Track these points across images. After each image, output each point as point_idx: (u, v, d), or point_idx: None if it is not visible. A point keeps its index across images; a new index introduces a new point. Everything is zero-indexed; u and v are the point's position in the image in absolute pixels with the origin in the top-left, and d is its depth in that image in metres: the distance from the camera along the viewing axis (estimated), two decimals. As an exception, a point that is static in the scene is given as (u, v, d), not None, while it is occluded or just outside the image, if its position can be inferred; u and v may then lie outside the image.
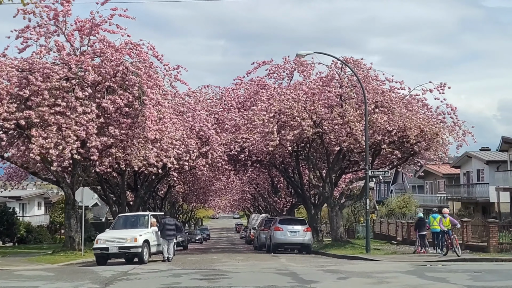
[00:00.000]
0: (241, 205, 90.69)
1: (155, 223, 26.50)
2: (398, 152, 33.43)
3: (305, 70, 36.40)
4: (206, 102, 41.99)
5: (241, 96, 42.35)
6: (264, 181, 59.25)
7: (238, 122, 39.30)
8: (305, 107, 33.02)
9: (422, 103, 34.62)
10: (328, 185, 36.60)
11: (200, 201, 67.10)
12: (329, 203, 36.32)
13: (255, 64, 39.91)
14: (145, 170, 37.08)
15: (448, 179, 58.88)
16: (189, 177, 51.56)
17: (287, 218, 37.32)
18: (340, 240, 35.79)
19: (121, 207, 42.49)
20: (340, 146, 33.06)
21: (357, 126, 32.03)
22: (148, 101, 28.79)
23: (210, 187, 57.26)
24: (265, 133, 33.70)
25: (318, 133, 33.90)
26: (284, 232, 33.78)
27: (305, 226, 34.37)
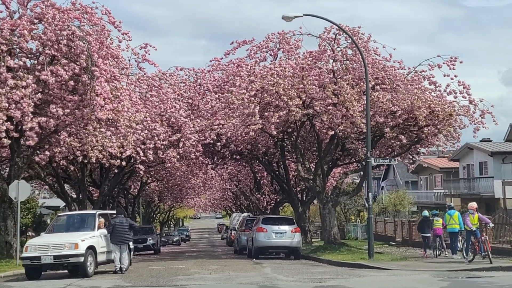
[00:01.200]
0: (223, 204, 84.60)
1: (102, 224, 20.46)
2: (404, 137, 27.65)
3: (291, 48, 30.58)
4: (179, 86, 35.88)
5: (219, 79, 36.30)
6: (246, 177, 53.37)
7: (214, 106, 33.35)
8: (293, 85, 27.16)
9: (429, 81, 28.80)
10: (319, 178, 30.77)
11: (175, 199, 60.95)
12: (320, 199, 30.49)
13: (234, 44, 33.88)
14: (106, 162, 31.27)
15: (445, 173, 53.25)
16: (162, 173, 45.53)
17: (271, 216, 31.41)
18: (334, 242, 29.97)
19: (81, 206, 36.40)
20: (334, 130, 27.20)
21: (354, 106, 26.27)
22: (99, 73, 22.79)
23: (186, 184, 51.22)
24: (245, 116, 27.81)
25: (308, 115, 28.05)
26: (269, 234, 27.92)
27: (293, 226, 28.52)
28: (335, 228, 30.78)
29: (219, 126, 32.03)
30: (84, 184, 36.37)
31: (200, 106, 34.69)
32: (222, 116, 32.58)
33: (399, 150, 31.04)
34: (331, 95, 26.47)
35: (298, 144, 31.80)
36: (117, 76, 24.64)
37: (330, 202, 30.30)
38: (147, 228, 42.77)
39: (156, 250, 40.47)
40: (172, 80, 35.38)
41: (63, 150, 28.40)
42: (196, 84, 36.28)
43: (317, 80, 27.70)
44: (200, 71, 36.64)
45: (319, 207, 31.18)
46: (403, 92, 26.87)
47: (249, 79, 28.09)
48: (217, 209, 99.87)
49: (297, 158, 31.31)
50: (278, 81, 26.77)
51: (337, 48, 28.57)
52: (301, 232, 29.55)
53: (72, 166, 33.75)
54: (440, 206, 51.03)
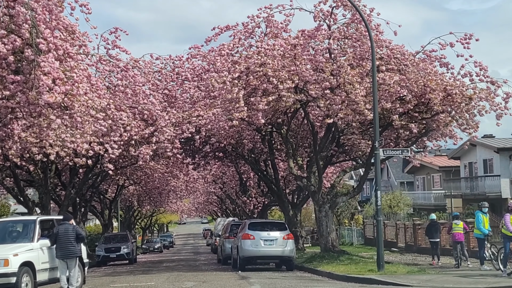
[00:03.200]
0: (207, 209, 79.75)
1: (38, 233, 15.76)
2: (414, 126, 23.18)
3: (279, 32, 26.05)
4: (154, 76, 31.11)
5: (198, 67, 31.58)
6: (231, 179, 48.73)
7: (193, 95, 28.74)
8: (283, 66, 22.63)
9: (440, 62, 24.29)
10: (314, 176, 26.26)
11: (154, 204, 56.08)
12: (316, 200, 25.94)
13: (216, 30, 29.17)
14: (69, 161, 26.72)
15: (445, 172, 48.95)
16: (138, 174, 40.81)
17: (259, 221, 26.71)
18: (332, 249, 25.46)
19: (44, 211, 31.64)
20: (333, 119, 22.66)
21: (356, 89, 21.78)
22: (46, 47, 18.08)
23: (166, 187, 46.45)
24: (228, 103, 23.22)
25: (301, 101, 23.52)
26: (256, 241, 23.35)
27: (285, 232, 23.96)
28: (333, 233, 26.24)
29: (198, 118, 27.43)
30: (47, 187, 31.62)
31: (177, 97, 30.07)
32: (201, 107, 27.98)
33: (404, 143, 26.57)
34: (329, 76, 21.94)
35: (289, 138, 27.25)
36: (72, 53, 19.90)
37: (327, 204, 25.78)
38: (121, 235, 38.03)
39: (131, 259, 35.73)
40: (146, 69, 30.63)
41: (17, 146, 23.99)
42: (173, 73, 31.53)
43: (311, 61, 23.19)
44: (177, 59, 31.85)
45: (315, 210, 26.70)
46: (414, 72, 22.41)
47: (231, 60, 23.51)
48: (202, 213, 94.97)
49: (288, 154, 26.78)
50: (266, 61, 22.23)
51: (334, 25, 24.08)
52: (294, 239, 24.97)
53: (31, 166, 29.01)
54: (439, 208, 46.75)
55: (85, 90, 20.21)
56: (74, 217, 39.96)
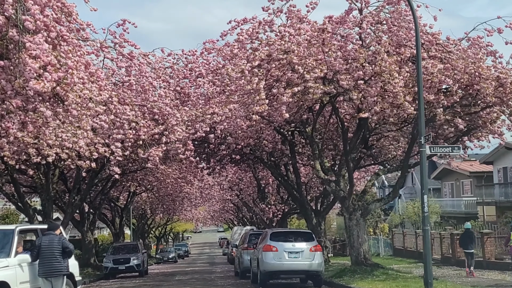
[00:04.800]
0: (223, 217, 76.62)
1: (20, 247, 12.77)
2: (461, 122, 20.00)
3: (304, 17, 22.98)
4: (164, 71, 28.10)
5: (214, 62, 28.56)
6: (249, 186, 45.61)
7: (207, 91, 25.76)
8: (309, 54, 19.57)
9: (486, 50, 21.05)
10: (344, 180, 23.15)
11: (167, 211, 53.03)
12: (346, 207, 22.77)
13: (232, 23, 26.10)
14: (70, 163, 23.89)
15: (476, 178, 45.49)
16: (150, 180, 37.89)
17: (283, 230, 23.45)
18: (364, 263, 22.31)
19: (46, 219, 28.76)
20: (367, 113, 19.54)
21: (395, 78, 18.67)
22: (32, 26, 15.19)
23: (180, 193, 43.45)
24: (246, 95, 20.18)
25: (330, 94, 20.40)
26: (280, 254, 20.24)
27: (312, 242, 20.80)
28: (365, 244, 23.06)
29: (213, 116, 24.43)
30: (49, 193, 28.78)
31: (190, 94, 27.10)
32: (216, 104, 24.97)
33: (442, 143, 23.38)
34: (365, 64, 18.84)
35: (314, 137, 24.15)
36: (66, 36, 16.99)
37: (358, 211, 22.66)
38: (131, 245, 35.02)
39: (142, 272, 32.71)
40: (157, 64, 27.66)
41: (12, 147, 21.23)
42: (186, 69, 28.52)
43: (341, 48, 20.13)
44: (191, 54, 28.81)
45: (344, 218, 23.48)
46: (462, 57, 19.27)
47: (251, 47, 20.48)
48: (217, 222, 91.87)
49: (314, 155, 23.66)
50: (291, 47, 19.17)
51: (366, 10, 20.98)
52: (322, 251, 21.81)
53: (31, 170, 26.16)
54: (470, 216, 43.29)
55: (82, 79, 17.30)
56: (81, 225, 37.26)
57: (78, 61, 17.15)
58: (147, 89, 24.26)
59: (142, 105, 25.23)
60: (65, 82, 16.68)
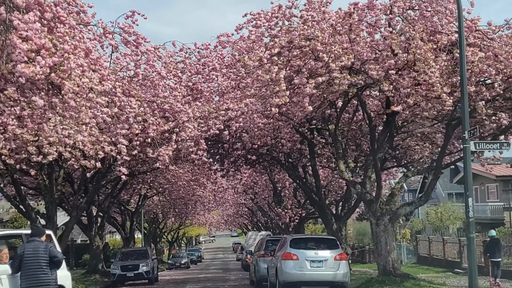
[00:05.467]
0: (237, 221, 74.50)
1: (6, 256, 10.76)
2: (505, 116, 17.82)
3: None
4: (176, 66, 26.04)
5: (228, 56, 26.48)
6: (264, 189, 43.50)
7: (221, 84, 23.73)
8: (334, 41, 17.47)
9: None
10: (370, 182, 20.99)
11: (179, 215, 50.97)
12: (373, 211, 20.59)
13: (248, 16, 23.99)
14: (74, 163, 21.91)
15: (503, 182, 43.09)
16: (162, 182, 35.92)
17: (304, 237, 21.18)
18: (393, 273, 20.11)
19: (49, 224, 26.87)
20: (398, 107, 17.41)
21: (432, 67, 16.54)
22: (22, 2, 13.25)
23: (193, 197, 41.42)
24: (265, 87, 18.09)
25: (358, 86, 18.26)
26: (301, 262, 18.15)
27: (336, 250, 18.70)
28: (394, 252, 20.87)
29: (227, 112, 22.40)
30: (52, 195, 26.86)
31: (202, 90, 25.06)
32: (231, 99, 22.93)
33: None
34: (398, 51, 16.72)
35: (338, 135, 22.02)
36: (64, 17, 15.01)
37: (386, 216, 20.49)
38: (140, 251, 32.99)
39: (151, 279, 30.67)
40: (167, 58, 25.61)
41: (9, 144, 19.40)
42: (199, 63, 26.46)
43: (370, 34, 18.04)
44: (204, 47, 26.71)
45: (371, 223, 21.28)
46: (505, 45, 17.09)
47: (269, 35, 18.42)
48: (231, 226, 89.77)
49: (338, 155, 21.51)
50: (314, 32, 17.09)
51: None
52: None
53: (32, 170, 24.23)
54: (497, 222, 40.92)
55: (81, 66, 15.32)
56: (89, 229, 35.34)
57: (77, 46, 15.14)
58: (157, 83, 22.37)
59: (151, 101, 23.31)
60: (61, 68, 14.69)
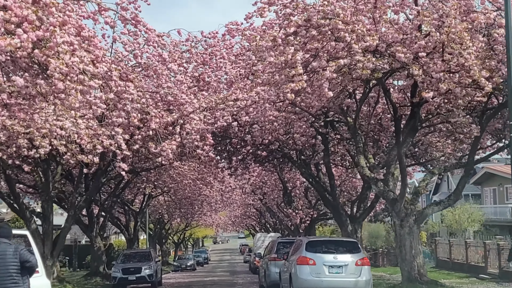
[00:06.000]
0: (245, 223, 72.41)
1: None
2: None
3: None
4: (181, 55, 23.96)
5: (237, 44, 24.40)
6: (273, 189, 41.43)
7: (230, 74, 21.72)
8: (358, 19, 15.43)
9: None
10: (393, 179, 18.95)
11: (185, 216, 48.92)
12: (397, 211, 18.53)
13: (258, 4, 21.91)
14: (70, 158, 20.11)
15: (523, 182, 40.82)
16: (167, 181, 33.96)
17: (322, 239, 19.09)
18: (419, 279, 18.07)
19: (45, 223, 24.98)
20: (428, 94, 15.36)
21: (469, 48, 14.49)
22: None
23: (199, 196, 39.43)
24: (278, 72, 16.05)
25: (383, 71, 16.21)
26: (318, 268, 16.13)
27: (358, 254, 16.66)
28: (420, 257, 18.78)
29: (235, 102, 20.40)
30: (48, 193, 24.96)
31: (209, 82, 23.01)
32: (240, 89, 20.91)
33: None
34: (431, 29, 14.69)
35: (357, 128, 19.97)
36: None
37: (411, 216, 18.43)
38: (143, 253, 30.91)
39: (154, 282, 28.63)
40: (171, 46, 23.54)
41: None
42: (205, 53, 24.39)
43: (396, 13, 16.00)
44: (211, 36, 24.63)
45: (394, 225, 19.21)
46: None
47: (283, 13, 16.40)
48: (238, 228, 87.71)
49: (358, 149, 19.52)
50: (335, 10, 15.07)
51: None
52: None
53: (26, 166, 22.29)
54: None
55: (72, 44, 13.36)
56: (90, 230, 33.44)
57: (66, 22, 13.15)
58: (160, 73, 20.44)
59: (154, 92, 21.39)
60: (47, 45, 12.76)
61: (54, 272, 24.60)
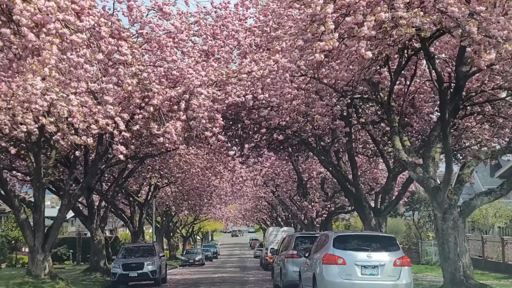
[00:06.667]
0: (255, 216, 69.52)
1: None
2: None
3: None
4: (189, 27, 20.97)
5: (252, 16, 21.38)
6: (287, 180, 38.54)
7: (243, 43, 18.76)
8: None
9: None
10: (434, 164, 16.00)
11: (193, 208, 46.00)
12: (439, 202, 15.56)
13: None
14: (61, 139, 17.50)
15: (555, 176, 37.68)
16: (169, 167, 31.13)
17: (352, 234, 15.77)
18: (465, 282, 15.15)
19: (36, 213, 22.23)
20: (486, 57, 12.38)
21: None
22: None
23: (207, 187, 36.55)
24: (304, 31, 13.08)
25: (430, 31, 13.22)
26: (349, 268, 13.25)
27: (396, 252, 13.76)
28: (466, 256, 15.80)
29: (250, 75, 17.46)
30: (39, 179, 22.21)
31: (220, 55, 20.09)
32: (256, 61, 17.94)
33: None
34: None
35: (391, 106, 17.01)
36: None
37: (455, 208, 15.48)
38: (146, 247, 28.03)
39: (158, 279, 25.83)
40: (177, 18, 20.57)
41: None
42: (216, 25, 21.36)
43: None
44: (222, 7, 21.62)
45: (435, 218, 16.18)
46: None
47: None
48: (249, 222, 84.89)
49: (393, 129, 16.56)
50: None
51: None
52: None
53: (13, 148, 19.54)
54: None
55: None
56: (90, 221, 30.71)
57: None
58: (164, 44, 17.73)
59: (157, 66, 18.57)
60: None
61: (46, 267, 21.82)
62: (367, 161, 30.77)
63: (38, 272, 21.68)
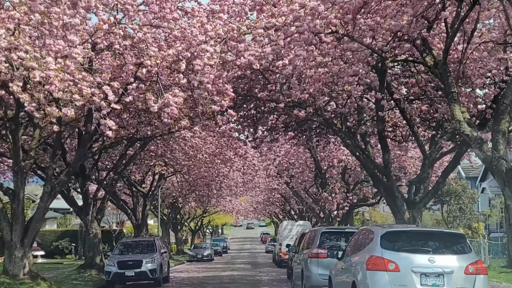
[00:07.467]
0: (267, 210, 65.80)
1: None
2: None
3: None
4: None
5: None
6: (303, 170, 34.75)
7: None
8: None
9: None
10: (504, 140, 12.25)
11: (200, 200, 42.29)
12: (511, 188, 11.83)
13: None
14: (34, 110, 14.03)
15: None
16: (174, 154, 27.53)
17: (406, 229, 11.74)
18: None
19: (15, 202, 18.67)
20: None
21: None
22: None
23: (216, 177, 32.85)
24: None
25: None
26: (404, 276, 9.58)
27: (468, 256, 10.07)
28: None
29: (267, 30, 13.71)
30: (18, 162, 18.62)
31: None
32: (274, 15, 14.19)
33: None
34: None
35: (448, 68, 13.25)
36: None
37: (533, 197, 11.73)
38: (145, 242, 24.33)
39: (158, 279, 22.26)
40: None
41: None
42: None
43: None
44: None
45: (507, 208, 12.45)
46: None
47: None
48: (260, 215, 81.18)
49: (451, 96, 12.80)
50: None
51: None
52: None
53: None
54: None
55: None
56: (85, 213, 27.27)
57: None
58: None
59: (155, 26, 15.03)
60: None
61: (26, 265, 18.29)
62: (393, 147, 27.01)
63: (16, 271, 18.17)
